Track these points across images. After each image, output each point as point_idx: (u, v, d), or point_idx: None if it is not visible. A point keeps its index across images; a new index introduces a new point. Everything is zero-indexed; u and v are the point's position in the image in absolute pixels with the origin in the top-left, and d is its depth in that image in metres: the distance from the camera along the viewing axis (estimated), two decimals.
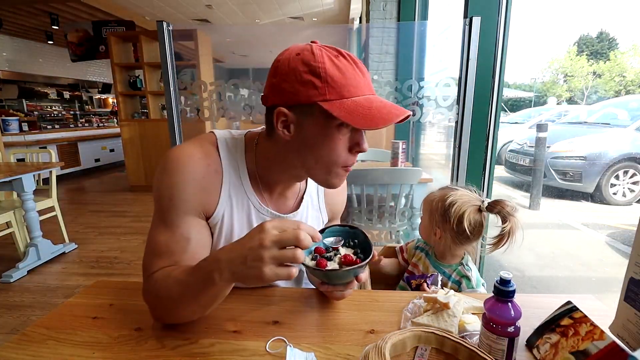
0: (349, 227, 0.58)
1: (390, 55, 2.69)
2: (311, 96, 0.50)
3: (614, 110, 2.65)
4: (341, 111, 0.49)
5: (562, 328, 0.48)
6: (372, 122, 0.48)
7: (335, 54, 0.51)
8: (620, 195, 2.28)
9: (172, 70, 1.34)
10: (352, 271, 0.51)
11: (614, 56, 2.71)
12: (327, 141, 0.52)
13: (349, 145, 0.54)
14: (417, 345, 0.46)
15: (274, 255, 0.42)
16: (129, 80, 4.11)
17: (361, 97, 0.51)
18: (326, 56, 0.50)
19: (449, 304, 0.55)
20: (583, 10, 3.00)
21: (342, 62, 0.50)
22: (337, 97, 0.50)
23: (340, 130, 0.52)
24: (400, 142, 1.86)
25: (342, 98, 0.50)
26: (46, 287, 1.97)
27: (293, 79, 0.50)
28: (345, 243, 0.58)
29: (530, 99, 4.04)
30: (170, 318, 0.55)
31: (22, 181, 2.03)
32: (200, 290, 0.48)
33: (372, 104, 0.50)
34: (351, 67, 0.51)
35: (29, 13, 4.72)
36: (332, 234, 0.57)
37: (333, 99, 0.50)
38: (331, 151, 0.53)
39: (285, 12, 5.56)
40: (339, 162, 0.54)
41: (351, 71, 0.51)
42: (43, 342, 0.53)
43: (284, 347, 0.51)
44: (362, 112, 0.49)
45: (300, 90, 0.50)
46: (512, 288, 0.46)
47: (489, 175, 1.33)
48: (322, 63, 0.49)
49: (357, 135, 0.54)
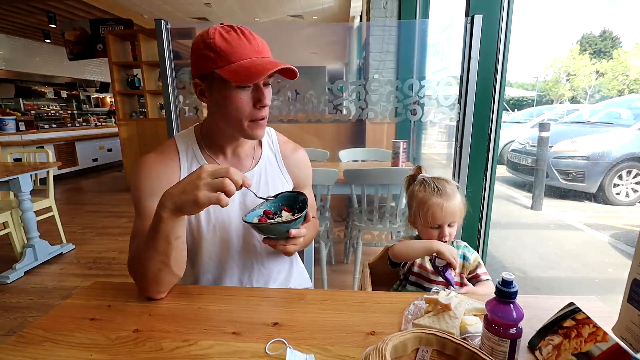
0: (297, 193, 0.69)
1: (391, 54, 2.68)
2: (209, 66, 0.63)
3: (617, 110, 2.63)
4: (229, 73, 0.61)
5: (565, 330, 0.47)
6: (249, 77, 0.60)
7: (227, 29, 0.63)
8: (623, 196, 2.27)
9: (170, 69, 1.32)
10: (280, 225, 0.61)
11: (617, 55, 2.70)
12: (230, 100, 0.65)
13: (252, 102, 0.66)
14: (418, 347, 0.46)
15: (207, 182, 0.53)
16: (127, 79, 4.09)
17: (246, 60, 0.62)
18: (217, 33, 0.62)
19: (451, 305, 0.55)
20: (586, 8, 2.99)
21: (231, 35, 0.62)
22: (225, 63, 0.62)
23: (240, 90, 0.64)
24: (401, 141, 1.85)
25: (229, 63, 0.62)
26: (43, 288, 1.96)
27: (197, 55, 0.64)
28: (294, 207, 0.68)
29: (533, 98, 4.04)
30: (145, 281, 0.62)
31: (19, 181, 2.01)
32: (155, 233, 0.57)
33: (252, 63, 0.62)
34: (237, 37, 0.62)
35: (26, 11, 4.69)
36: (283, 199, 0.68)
37: (223, 65, 0.62)
38: (236, 108, 0.65)
39: (285, 10, 5.54)
40: (245, 117, 0.66)
41: (237, 41, 0.62)
42: (40, 343, 0.53)
43: (284, 349, 0.51)
44: (243, 71, 0.61)
45: (203, 63, 0.63)
46: (514, 289, 0.45)
47: (490, 175, 1.32)
48: (212, 39, 0.62)
49: (257, 92, 0.66)
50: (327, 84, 1.33)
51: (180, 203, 0.54)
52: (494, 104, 1.27)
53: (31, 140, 4.37)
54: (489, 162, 1.31)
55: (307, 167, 0.86)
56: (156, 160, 0.71)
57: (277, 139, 0.83)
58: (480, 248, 1.37)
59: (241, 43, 0.62)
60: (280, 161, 0.81)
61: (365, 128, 2.78)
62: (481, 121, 1.27)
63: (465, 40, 1.21)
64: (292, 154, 0.83)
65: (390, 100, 1.31)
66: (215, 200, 0.53)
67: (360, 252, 1.76)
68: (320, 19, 6.06)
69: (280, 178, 0.80)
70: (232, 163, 0.76)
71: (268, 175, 0.78)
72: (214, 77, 0.64)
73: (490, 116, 1.28)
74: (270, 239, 0.65)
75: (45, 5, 4.49)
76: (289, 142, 0.85)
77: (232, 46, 0.62)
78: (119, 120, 4.02)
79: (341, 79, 2.80)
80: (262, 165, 0.78)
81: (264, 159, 0.79)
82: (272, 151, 0.81)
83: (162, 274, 0.61)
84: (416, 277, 0.85)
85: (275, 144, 0.82)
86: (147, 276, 0.61)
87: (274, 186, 0.78)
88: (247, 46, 0.63)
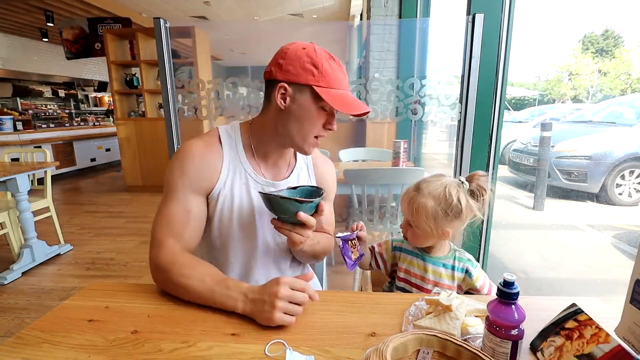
0: (316, 187, 0.72)
1: (392, 53, 2.67)
2: (309, 80, 0.67)
3: (619, 109, 2.62)
4: (328, 96, 0.66)
5: (567, 331, 0.47)
6: (349, 108, 0.67)
7: (328, 56, 0.69)
8: (626, 196, 2.26)
9: (169, 68, 1.31)
10: (290, 202, 0.61)
11: (619, 54, 2.69)
12: (310, 115, 0.69)
13: (324, 123, 0.71)
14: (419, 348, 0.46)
15: (283, 307, 0.56)
16: (125, 79, 4.07)
17: (341, 91, 0.69)
18: (323, 55, 0.68)
19: (452, 306, 0.54)
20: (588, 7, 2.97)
21: (333, 63, 0.69)
22: (326, 85, 0.67)
23: (321, 111, 0.70)
24: (401, 141, 1.85)
25: (329, 87, 0.67)
26: (41, 289, 1.94)
27: (298, 64, 0.67)
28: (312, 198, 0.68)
29: (534, 98, 4.03)
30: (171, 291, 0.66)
31: (16, 181, 2.00)
32: (217, 303, 0.61)
33: (348, 97, 0.70)
34: (338, 68, 0.69)
35: (23, 10, 4.66)
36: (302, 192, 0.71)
37: (323, 86, 0.67)
38: (312, 124, 0.70)
39: (285, 9, 5.53)
40: (313, 133, 0.72)
41: (338, 71, 0.69)
42: (38, 345, 0.52)
43: (284, 351, 0.51)
44: (341, 100, 0.67)
45: (301, 74, 0.67)
46: (515, 290, 0.45)
47: (492, 175, 1.32)
48: (320, 59, 0.67)
49: (330, 117, 0.72)
50: None
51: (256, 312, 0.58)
52: (495, 103, 1.27)
53: (29, 140, 4.35)
54: (491, 161, 1.30)
55: (333, 181, 0.89)
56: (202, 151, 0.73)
57: None
58: (482, 249, 1.36)
59: (340, 75, 0.69)
60: (311, 170, 0.85)
61: (366, 128, 2.77)
62: (482, 120, 1.27)
63: (466, 39, 1.21)
64: (322, 166, 0.87)
65: (391, 100, 1.30)
66: (288, 323, 0.56)
67: None
68: (321, 18, 6.05)
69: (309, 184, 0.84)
70: (272, 170, 0.79)
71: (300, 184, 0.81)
72: (307, 91, 0.68)
73: (492, 115, 1.27)
74: (280, 220, 0.65)
75: (43, 4, 4.46)
76: (320, 154, 0.89)
77: (335, 74, 0.68)
78: (117, 119, 4.00)
79: None
80: (295, 175, 0.81)
81: (297, 169, 0.82)
82: (305, 162, 0.85)
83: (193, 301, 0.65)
84: (403, 282, 0.81)
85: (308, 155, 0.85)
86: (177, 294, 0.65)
87: None
88: (344, 80, 0.70)
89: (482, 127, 1.27)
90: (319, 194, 0.67)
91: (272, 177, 0.78)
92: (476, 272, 0.78)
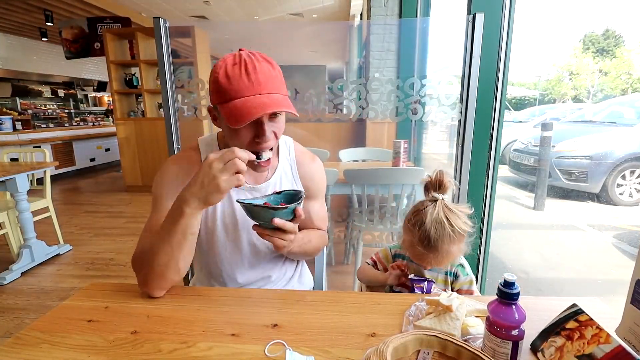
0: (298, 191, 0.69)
1: (392, 53, 2.67)
2: (213, 100, 0.66)
3: (620, 109, 2.62)
4: (225, 112, 0.63)
5: (568, 331, 0.47)
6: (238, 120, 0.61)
7: (234, 62, 0.63)
8: (626, 196, 2.25)
9: (169, 67, 1.31)
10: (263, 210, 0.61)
11: (620, 53, 2.68)
12: (230, 134, 0.67)
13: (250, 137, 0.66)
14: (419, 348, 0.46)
15: (221, 169, 0.57)
16: (124, 78, 4.06)
17: (239, 100, 0.62)
18: (224, 67, 0.63)
19: (452, 306, 0.54)
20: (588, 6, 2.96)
21: (234, 70, 0.62)
22: (225, 100, 0.63)
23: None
24: (402, 141, 1.84)
25: (227, 101, 0.62)
26: (40, 289, 1.94)
27: (211, 85, 0.66)
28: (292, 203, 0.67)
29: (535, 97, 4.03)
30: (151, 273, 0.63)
31: (15, 181, 1.99)
32: (172, 226, 0.60)
33: (244, 105, 0.61)
34: (238, 73, 0.62)
35: (22, 9, 4.65)
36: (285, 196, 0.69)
37: (222, 102, 0.63)
38: (237, 141, 0.67)
39: (285, 9, 5.52)
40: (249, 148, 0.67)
41: (236, 78, 0.62)
42: (37, 345, 0.52)
43: (284, 351, 0.51)
44: (235, 112, 0.61)
45: (212, 94, 0.66)
46: (516, 290, 0.45)
47: (492, 175, 1.31)
48: (217, 73, 0.63)
49: (256, 128, 0.65)
50: (327, 83, 1.32)
51: (205, 195, 0.58)
52: (495, 103, 1.26)
53: (28, 140, 4.34)
54: (491, 161, 1.30)
55: (320, 178, 0.86)
56: (182, 163, 0.74)
57: (294, 148, 0.84)
58: (482, 249, 1.36)
59: (240, 80, 0.62)
60: (295, 171, 0.83)
61: (366, 127, 2.77)
62: (483, 120, 1.26)
63: (466, 39, 1.20)
64: (308, 165, 0.84)
65: (391, 100, 1.30)
66: (236, 181, 0.57)
67: (360, 253, 1.75)
68: (321, 18, 6.04)
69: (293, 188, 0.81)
70: (252, 174, 0.78)
71: (283, 186, 0.80)
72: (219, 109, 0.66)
73: (492, 115, 1.27)
74: (260, 227, 0.65)
75: (42, 3, 4.45)
76: (305, 152, 0.86)
77: (231, 83, 0.62)
78: (117, 119, 3.99)
79: (341, 78, 2.80)
80: (277, 176, 0.80)
81: (280, 170, 0.81)
82: (288, 162, 0.83)
83: (169, 268, 0.62)
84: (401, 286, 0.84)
85: (292, 154, 0.83)
86: (154, 268, 0.62)
87: None
88: (245, 83, 0.62)
89: (483, 127, 1.27)
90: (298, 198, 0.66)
91: (253, 180, 0.78)
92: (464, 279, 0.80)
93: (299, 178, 0.83)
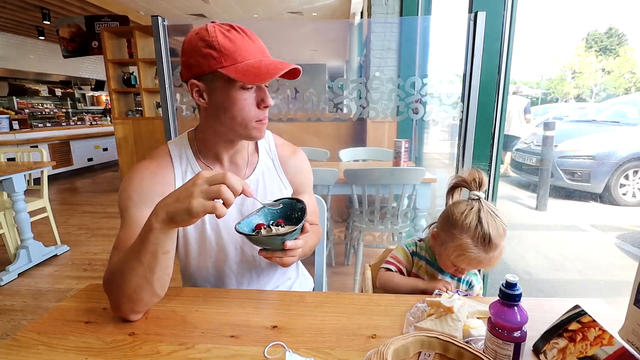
0: (296, 200, 0.64)
1: (393, 52, 2.66)
2: (211, 65, 0.60)
3: (623, 108, 2.61)
4: (236, 73, 0.59)
5: (570, 333, 0.47)
6: (259, 77, 0.58)
7: (227, 28, 0.61)
8: (630, 196, 2.25)
9: (167, 66, 1.30)
10: (274, 238, 0.58)
11: (623, 52, 2.68)
12: (235, 101, 0.62)
13: (256, 102, 0.64)
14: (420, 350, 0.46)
15: (203, 190, 0.49)
16: (122, 77, 4.04)
17: (252, 60, 0.61)
18: (218, 31, 0.60)
19: (453, 308, 0.54)
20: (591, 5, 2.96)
21: (232, 34, 0.60)
22: (231, 62, 0.60)
23: (244, 91, 0.62)
24: (402, 140, 1.83)
25: (235, 63, 0.60)
26: (37, 290, 1.92)
27: (195, 54, 0.61)
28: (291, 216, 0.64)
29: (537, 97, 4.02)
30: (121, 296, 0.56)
31: (12, 181, 1.98)
32: (142, 244, 0.52)
33: (261, 63, 0.60)
34: (240, 36, 0.61)
35: (19, 7, 4.62)
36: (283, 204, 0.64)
37: (228, 64, 0.60)
38: (241, 109, 0.63)
39: (284, 7, 5.50)
40: (250, 118, 0.64)
41: (240, 40, 0.60)
42: (34, 347, 0.52)
43: (283, 353, 0.50)
44: (252, 71, 0.59)
45: (202, 62, 0.60)
46: (518, 291, 0.45)
47: (494, 175, 1.31)
48: (214, 37, 0.59)
49: (260, 93, 0.64)
50: (327, 82, 1.31)
51: (173, 211, 0.50)
52: (497, 102, 1.26)
53: (25, 140, 4.31)
54: (493, 161, 1.29)
55: (306, 171, 0.83)
56: (149, 167, 0.68)
57: (274, 142, 0.80)
58: None
59: (245, 42, 0.61)
60: (279, 166, 0.78)
61: (366, 127, 2.76)
62: (484, 120, 1.26)
63: (468, 37, 1.20)
64: (291, 158, 0.79)
65: (392, 99, 1.29)
66: (211, 209, 0.48)
67: (361, 254, 1.75)
68: (320, 16, 6.02)
69: (278, 184, 0.78)
70: (229, 171, 0.73)
71: (266, 182, 0.76)
72: (216, 77, 0.61)
73: (494, 114, 1.26)
74: (266, 251, 0.61)
75: (39, 2, 4.43)
76: (286, 144, 0.82)
77: (237, 45, 0.60)
78: (115, 119, 3.97)
79: (341, 77, 2.78)
80: (259, 172, 0.76)
81: (261, 165, 0.76)
82: (270, 157, 0.78)
83: (142, 291, 0.55)
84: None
85: (272, 149, 0.79)
86: (125, 291, 0.54)
87: (272, 193, 0.76)
88: (252, 45, 0.61)
89: (484, 126, 1.26)
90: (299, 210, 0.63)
91: None
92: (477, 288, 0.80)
93: (283, 173, 0.78)
